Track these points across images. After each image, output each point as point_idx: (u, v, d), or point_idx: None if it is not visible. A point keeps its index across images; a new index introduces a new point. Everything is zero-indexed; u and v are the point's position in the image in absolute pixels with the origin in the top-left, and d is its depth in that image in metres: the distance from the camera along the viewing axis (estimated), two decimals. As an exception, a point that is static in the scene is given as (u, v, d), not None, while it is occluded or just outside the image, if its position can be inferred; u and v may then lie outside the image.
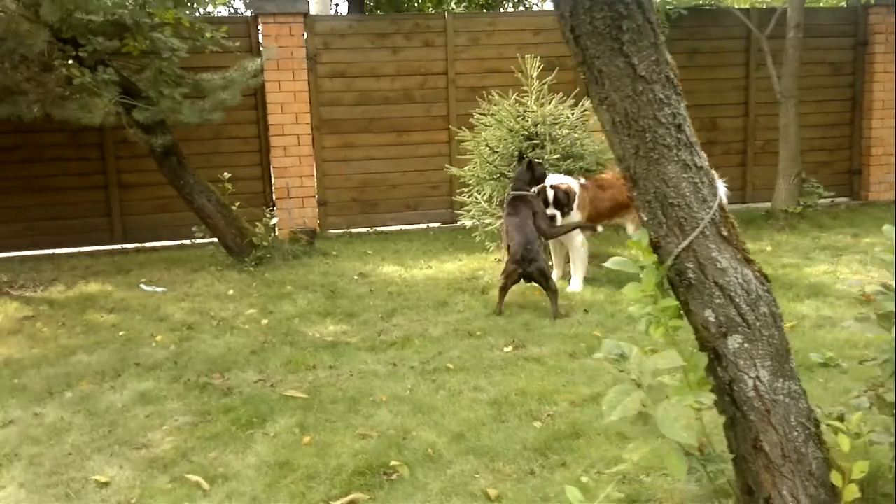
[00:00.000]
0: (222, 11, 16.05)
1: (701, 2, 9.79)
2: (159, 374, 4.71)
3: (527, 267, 5.61)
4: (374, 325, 5.52)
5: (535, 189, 6.02)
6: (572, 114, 6.96)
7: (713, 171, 2.50)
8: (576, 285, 6.22)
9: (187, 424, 3.98)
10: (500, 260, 7.25)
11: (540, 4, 19.99)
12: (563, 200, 6.08)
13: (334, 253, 7.96)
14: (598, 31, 2.31)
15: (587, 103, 7.11)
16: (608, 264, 2.60)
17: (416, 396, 4.17)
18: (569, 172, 6.59)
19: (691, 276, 2.40)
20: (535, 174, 6.07)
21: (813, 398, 3.55)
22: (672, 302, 2.44)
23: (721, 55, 9.97)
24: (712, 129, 10.05)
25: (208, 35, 7.08)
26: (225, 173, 7.59)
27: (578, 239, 6.28)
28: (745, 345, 2.38)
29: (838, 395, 3.85)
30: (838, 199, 10.18)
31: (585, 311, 5.58)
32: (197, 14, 7.86)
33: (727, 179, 7.64)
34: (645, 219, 2.47)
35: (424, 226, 9.47)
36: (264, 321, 5.72)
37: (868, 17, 10.04)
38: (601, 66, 2.33)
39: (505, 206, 6.07)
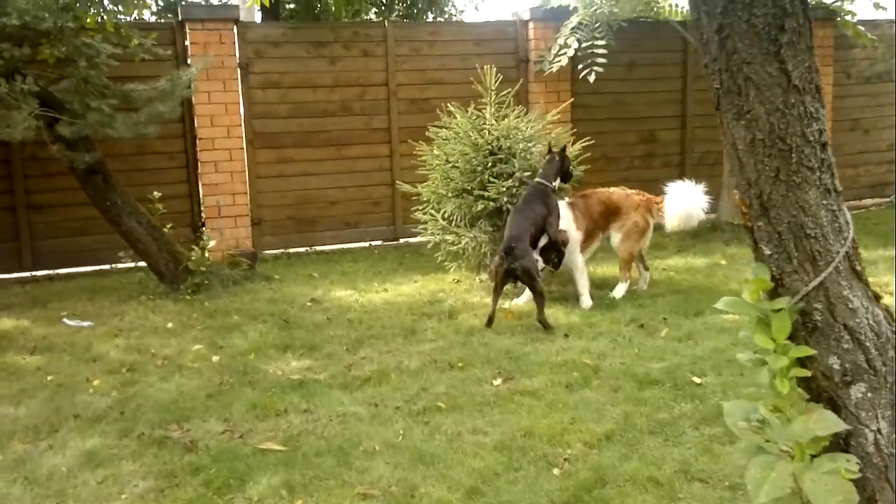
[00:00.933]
0: (147, 17, 15.05)
1: (639, 14, 9.77)
2: (105, 427, 4.10)
3: (511, 263, 5.38)
4: (341, 359, 5.05)
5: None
6: (527, 127, 6.68)
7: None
8: (586, 302, 6.00)
9: (151, 491, 3.42)
10: (458, 281, 6.90)
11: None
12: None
13: (277, 277, 7.41)
14: (754, 30, 2.00)
15: (536, 115, 6.88)
16: (720, 305, 2.28)
17: (412, 443, 3.75)
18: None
19: (818, 317, 2.11)
20: (563, 166, 5.99)
21: None
22: (806, 350, 2.13)
23: (659, 67, 9.97)
24: (651, 141, 10.03)
25: (136, 42, 6.43)
26: (155, 192, 6.94)
27: (579, 259, 6.08)
28: (869, 394, 2.11)
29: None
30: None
31: (566, 335, 5.29)
32: (123, 20, 7.17)
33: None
34: (767, 252, 2.16)
35: (367, 244, 9.01)
36: (215, 358, 5.15)
37: (796, 32, 10.26)
38: (749, 73, 2.02)
39: (521, 195, 5.95)
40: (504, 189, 6.16)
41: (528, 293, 6.02)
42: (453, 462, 3.53)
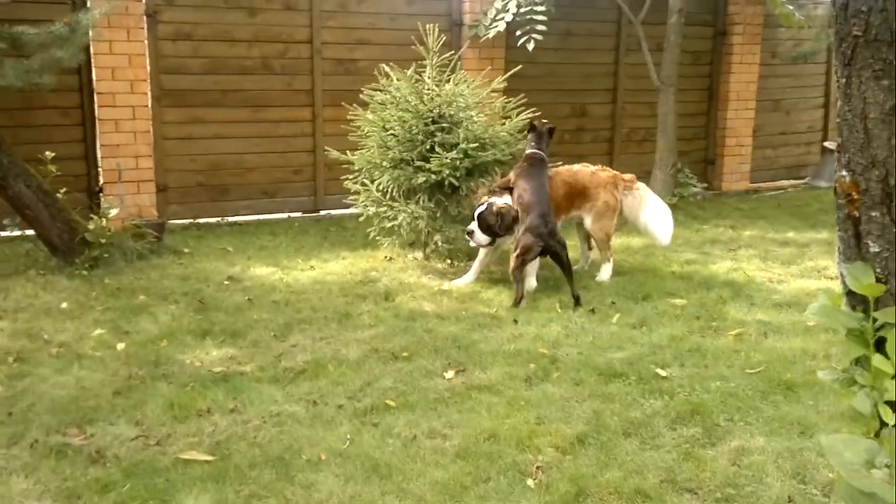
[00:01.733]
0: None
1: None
2: (-12, 432, 3.44)
3: (549, 240, 5.15)
4: (269, 348, 4.50)
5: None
6: (471, 92, 6.23)
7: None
8: (532, 283, 5.61)
9: (50, 516, 2.83)
10: (390, 258, 6.42)
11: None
12: (492, 223, 5.46)
13: (187, 250, 6.71)
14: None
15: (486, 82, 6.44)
16: (810, 313, 1.91)
17: (362, 450, 3.29)
18: (486, 166, 5.89)
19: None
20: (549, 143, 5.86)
21: (809, 424, 3.13)
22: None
23: (593, 38, 9.68)
24: (582, 115, 9.77)
25: (24, -23, 5.56)
26: (47, 153, 6.11)
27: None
28: None
29: (836, 420, 3.47)
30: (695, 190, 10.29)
31: (515, 321, 4.92)
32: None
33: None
34: (875, 250, 1.81)
35: (285, 216, 8.37)
36: (121, 346, 4.50)
37: (727, 7, 10.18)
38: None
39: (520, 163, 5.64)
40: (447, 161, 5.70)
41: (471, 273, 5.61)
42: (412, 473, 3.09)
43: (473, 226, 5.49)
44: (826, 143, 10.93)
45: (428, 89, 6.17)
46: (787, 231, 7.68)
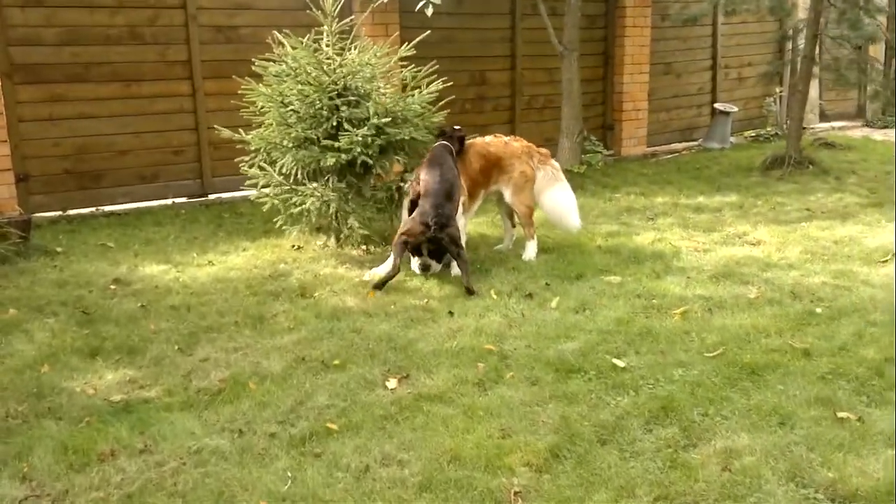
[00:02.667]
0: None
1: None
2: None
3: (437, 233, 4.89)
4: (175, 365, 3.89)
5: None
6: (377, 62, 5.70)
7: None
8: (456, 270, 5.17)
9: None
10: (298, 247, 5.84)
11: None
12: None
13: (60, 250, 5.86)
14: None
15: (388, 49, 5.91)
16: None
17: (308, 489, 2.80)
18: (399, 143, 5.39)
19: None
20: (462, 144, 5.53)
21: (786, 413, 3.16)
22: None
23: (488, 2, 9.28)
24: (482, 83, 9.39)
25: None
26: None
27: (460, 223, 5.21)
28: None
29: (810, 406, 3.29)
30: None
31: (450, 312, 4.51)
32: None
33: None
34: None
35: (169, 202, 7.55)
36: (-9, 374, 3.77)
37: (619, -30, 10.04)
38: None
39: (429, 152, 5.30)
40: (359, 139, 5.16)
41: (388, 263, 5.15)
42: (374, 515, 2.64)
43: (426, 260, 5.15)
44: (716, 105, 11.09)
45: (328, 59, 5.58)
46: (696, 196, 7.64)
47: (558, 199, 5.69)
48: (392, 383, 3.61)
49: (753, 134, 11.60)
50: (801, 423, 3.15)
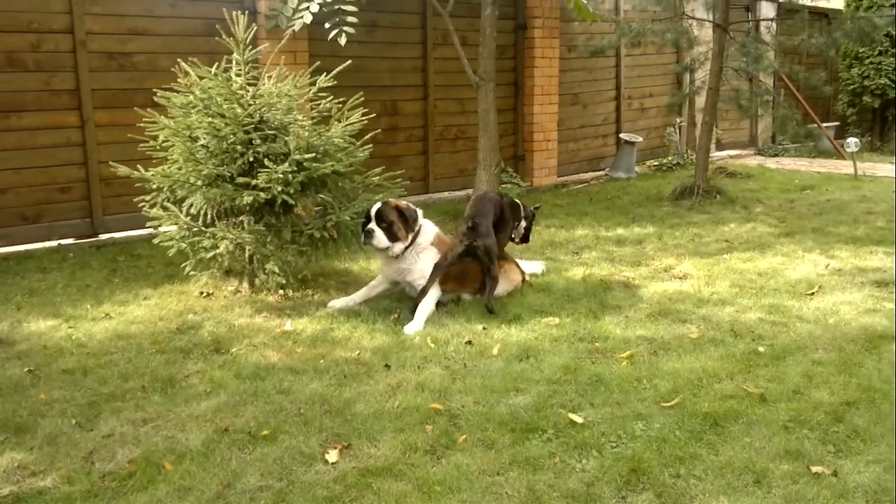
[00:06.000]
0: None
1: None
2: None
3: (473, 240, 4.92)
4: (74, 444, 3.34)
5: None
6: (297, 92, 5.32)
7: None
8: (414, 328, 4.73)
9: None
10: (207, 294, 5.33)
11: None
12: (393, 219, 4.96)
13: (-74, 303, 5.13)
14: None
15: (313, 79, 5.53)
16: None
17: None
18: (322, 179, 5.00)
19: None
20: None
21: (759, 470, 2.93)
22: None
23: (399, 31, 9.05)
24: (394, 113, 9.11)
25: None
26: None
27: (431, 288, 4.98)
28: None
29: (780, 459, 3.13)
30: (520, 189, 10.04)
31: (387, 365, 4.14)
32: None
33: (407, 171, 6.63)
34: None
35: (55, 244, 6.83)
36: None
37: (526, 0, 10.02)
38: None
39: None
40: (279, 176, 4.75)
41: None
42: None
43: (371, 225, 4.90)
44: (622, 135, 11.24)
45: (241, 89, 5.15)
46: (615, 227, 7.59)
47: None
48: (332, 456, 3.21)
49: (656, 163, 11.83)
50: (777, 482, 2.98)
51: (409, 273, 5.03)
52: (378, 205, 4.97)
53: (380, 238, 4.90)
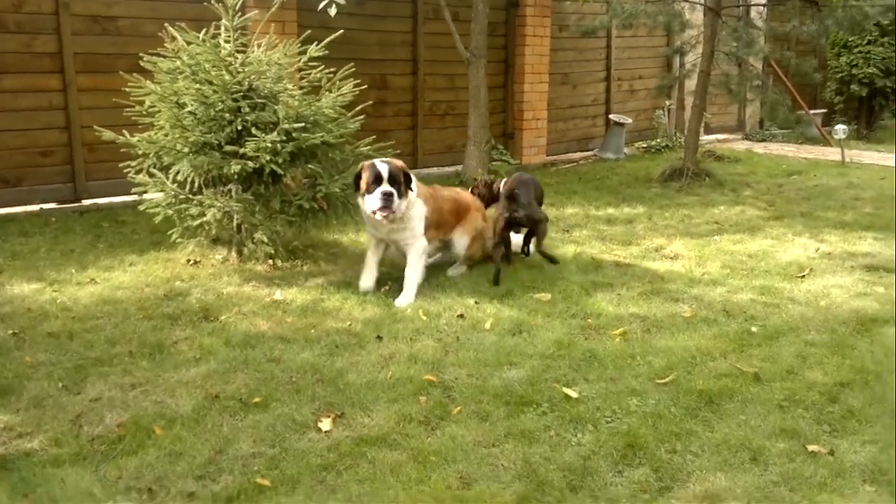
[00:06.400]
0: None
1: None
2: None
3: (513, 211, 4.99)
4: (61, 406, 3.28)
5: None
6: (287, 61, 5.21)
7: None
8: (406, 299, 4.65)
9: None
10: (195, 262, 5.25)
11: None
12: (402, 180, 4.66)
13: None
14: None
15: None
16: None
17: (245, 567, 2.32)
18: (312, 150, 4.90)
19: None
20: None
21: (755, 448, 2.94)
22: None
23: (389, 4, 8.92)
24: (383, 87, 8.99)
25: None
26: None
27: (421, 244, 4.84)
28: None
29: (776, 437, 3.13)
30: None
31: (379, 336, 4.09)
32: None
33: (397, 144, 6.49)
34: None
35: (37, 208, 6.69)
36: None
37: (517, -22, 9.91)
38: None
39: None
40: (267, 145, 4.65)
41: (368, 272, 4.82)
42: None
43: (389, 188, 4.52)
44: (611, 116, 11.20)
45: (230, 56, 5.04)
46: (605, 207, 7.56)
47: None
48: (326, 424, 3.16)
49: (645, 145, 11.81)
50: (774, 460, 2.97)
51: (401, 232, 4.76)
52: (386, 166, 4.55)
53: (398, 203, 4.55)
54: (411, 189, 4.70)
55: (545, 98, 10.38)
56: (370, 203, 4.52)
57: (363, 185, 4.56)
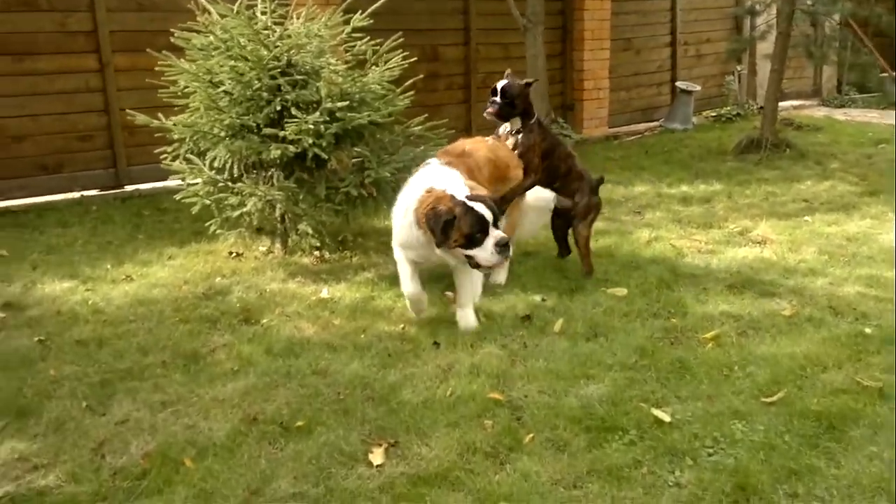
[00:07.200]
0: None
1: None
2: None
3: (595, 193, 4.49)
4: (83, 431, 2.92)
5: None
6: (329, 33, 4.74)
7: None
8: (467, 320, 3.78)
9: None
10: (237, 254, 4.86)
11: None
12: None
13: (-65, 261, 4.75)
14: None
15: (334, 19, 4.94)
16: None
17: None
18: (358, 131, 4.44)
19: None
20: None
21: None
22: None
23: (439, -30, 8.36)
24: (433, 59, 8.47)
25: None
26: None
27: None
28: None
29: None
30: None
31: (436, 343, 3.64)
32: None
33: (450, 119, 5.85)
34: None
35: (77, 195, 6.41)
36: None
37: (576, -62, 9.22)
38: None
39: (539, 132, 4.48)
40: (309, 126, 4.21)
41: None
42: None
43: (500, 233, 3.50)
44: (678, 84, 10.46)
45: (266, 29, 4.59)
46: (678, 184, 6.95)
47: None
48: (377, 456, 2.73)
49: (714, 114, 11.03)
50: (921, 505, 2.44)
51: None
52: (484, 206, 3.48)
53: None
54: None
55: (606, 66, 9.72)
56: (484, 257, 3.47)
57: (457, 235, 3.44)
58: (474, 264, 3.53)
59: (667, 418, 2.96)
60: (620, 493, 2.52)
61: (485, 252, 3.45)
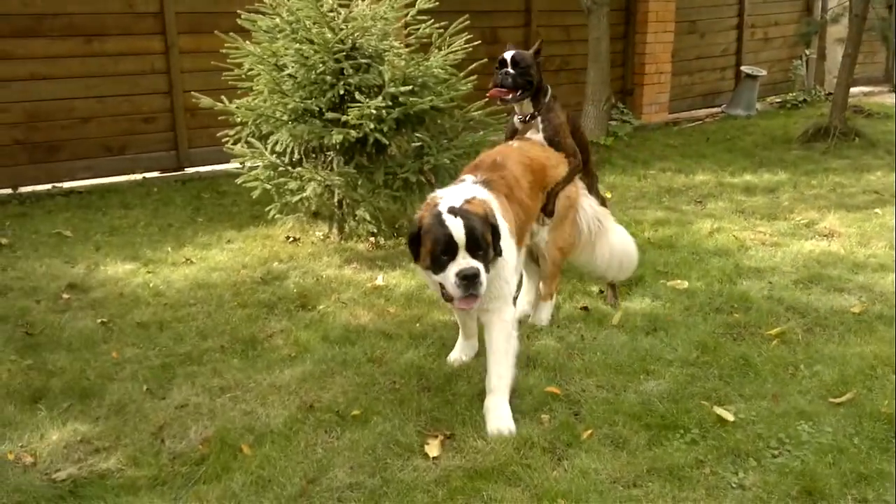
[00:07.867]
0: None
1: None
2: None
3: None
4: (143, 415, 2.97)
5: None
6: (394, 16, 4.70)
7: None
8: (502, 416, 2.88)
9: None
10: (294, 239, 4.90)
11: None
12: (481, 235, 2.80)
13: (4, 241, 4.90)
14: None
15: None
16: None
17: None
18: (419, 116, 4.40)
19: None
20: None
21: None
22: None
23: (499, -50, 8.24)
24: (493, 41, 8.31)
25: None
26: None
27: (510, 314, 3.02)
28: None
29: None
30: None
31: (491, 335, 3.60)
32: None
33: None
34: None
35: (140, 177, 6.55)
36: None
37: (642, -83, 8.98)
38: None
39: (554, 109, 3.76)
40: (371, 111, 4.19)
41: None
42: None
43: (468, 263, 2.74)
44: (743, 68, 10.14)
45: (332, 11, 4.58)
46: (741, 173, 6.75)
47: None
48: (433, 448, 2.72)
49: (779, 100, 10.69)
50: None
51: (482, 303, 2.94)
52: (459, 221, 2.75)
53: (484, 279, 2.79)
54: (500, 248, 2.90)
55: (669, 49, 9.48)
56: (449, 288, 2.77)
57: (423, 254, 2.82)
58: (447, 297, 2.84)
59: (730, 417, 2.87)
60: (682, 494, 2.46)
61: (447, 281, 2.76)
